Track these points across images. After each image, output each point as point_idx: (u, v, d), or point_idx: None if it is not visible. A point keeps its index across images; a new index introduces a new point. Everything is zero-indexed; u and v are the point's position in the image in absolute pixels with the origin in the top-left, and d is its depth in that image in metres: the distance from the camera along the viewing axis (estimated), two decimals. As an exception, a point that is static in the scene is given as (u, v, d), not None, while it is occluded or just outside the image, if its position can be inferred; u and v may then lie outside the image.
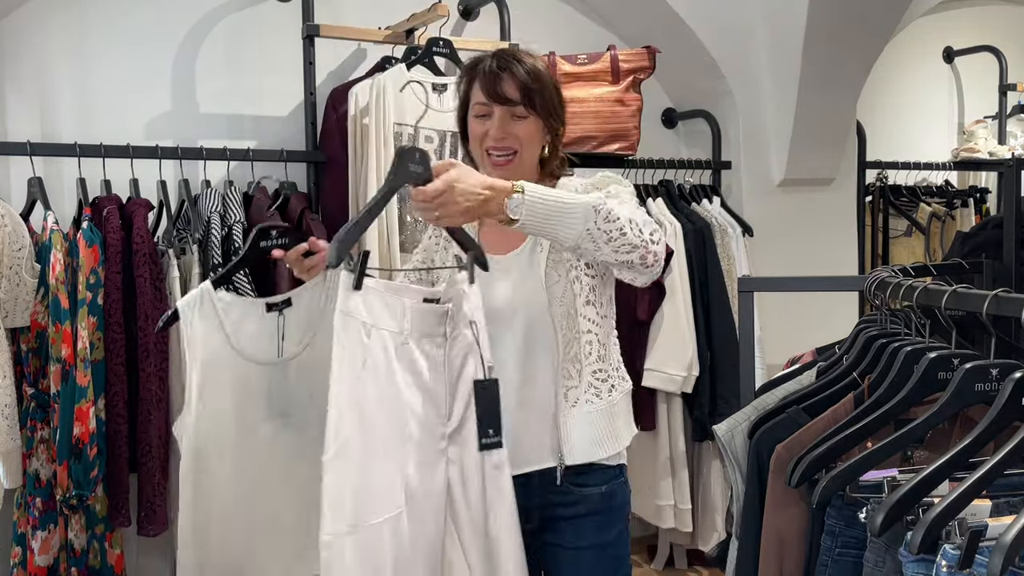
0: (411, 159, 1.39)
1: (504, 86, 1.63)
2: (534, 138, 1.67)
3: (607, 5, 3.38)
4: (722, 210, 3.27)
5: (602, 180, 1.67)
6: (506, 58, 1.65)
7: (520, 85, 1.63)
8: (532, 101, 1.64)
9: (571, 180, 1.73)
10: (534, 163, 1.70)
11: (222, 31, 2.79)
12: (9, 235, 2.15)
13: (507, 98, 1.63)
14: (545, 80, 1.67)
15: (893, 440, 1.19)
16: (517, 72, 1.63)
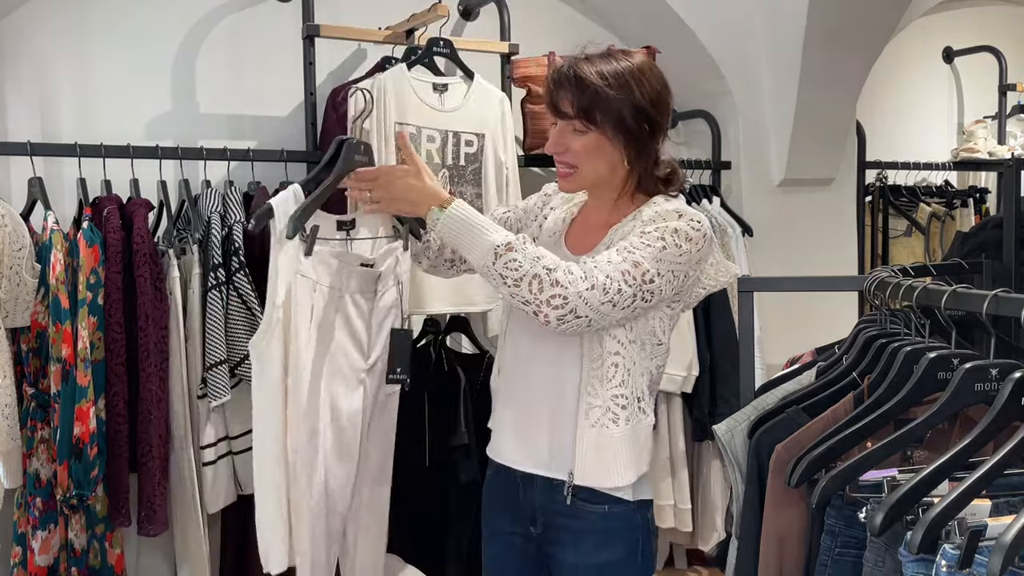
0: (357, 151, 1.74)
1: (559, 99, 1.59)
2: (593, 152, 1.59)
3: (607, 5, 3.38)
4: (722, 210, 3.27)
5: (661, 215, 1.57)
6: (568, 68, 1.58)
7: (575, 100, 1.56)
8: (590, 114, 1.56)
9: (656, 205, 1.62)
10: (605, 179, 1.63)
11: (222, 31, 2.79)
12: (9, 235, 2.15)
13: (562, 111, 1.59)
14: (609, 93, 1.55)
15: (893, 440, 1.19)
16: (572, 85, 1.56)
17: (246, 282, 2.37)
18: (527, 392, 1.67)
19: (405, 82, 2.55)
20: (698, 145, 3.57)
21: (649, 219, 1.58)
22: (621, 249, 1.53)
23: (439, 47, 2.65)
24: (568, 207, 1.77)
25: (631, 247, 1.52)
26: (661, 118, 1.61)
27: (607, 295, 1.49)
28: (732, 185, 3.47)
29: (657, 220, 1.57)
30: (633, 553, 1.63)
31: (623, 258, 1.51)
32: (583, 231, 1.71)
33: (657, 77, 1.61)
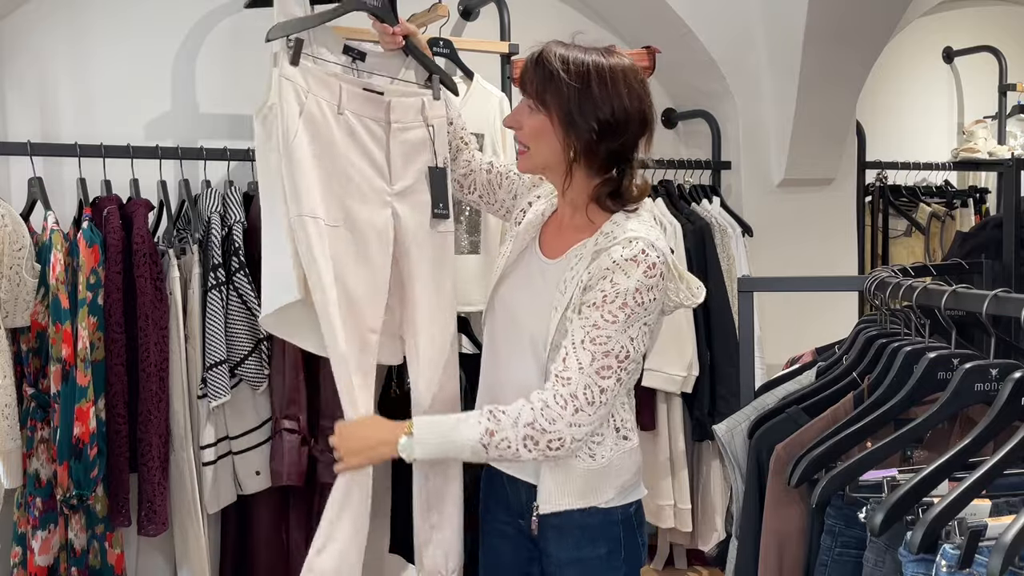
0: None
1: (523, 75, 1.59)
2: (540, 136, 1.58)
3: (607, 5, 3.38)
4: (722, 210, 3.27)
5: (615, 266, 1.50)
6: (544, 49, 1.58)
7: (539, 73, 1.55)
8: (542, 97, 1.55)
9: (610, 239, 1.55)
10: (553, 167, 1.61)
11: (222, 31, 2.79)
12: (9, 235, 2.16)
13: (524, 88, 1.60)
14: (565, 80, 1.51)
15: (893, 440, 1.19)
16: (535, 63, 1.57)
17: (246, 282, 2.37)
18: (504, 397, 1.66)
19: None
20: (698, 145, 3.57)
21: (601, 275, 1.51)
22: (587, 341, 1.49)
23: (439, 47, 2.65)
24: (545, 204, 1.76)
25: (597, 336, 1.48)
26: (619, 127, 1.53)
27: (593, 404, 1.50)
28: (732, 185, 3.47)
29: (613, 277, 1.50)
30: (616, 549, 1.63)
31: (591, 356, 1.48)
32: (555, 232, 1.71)
33: (631, 86, 1.54)
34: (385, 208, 1.84)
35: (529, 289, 1.67)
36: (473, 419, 1.54)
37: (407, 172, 1.86)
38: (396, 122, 1.85)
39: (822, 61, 3.17)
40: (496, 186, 1.90)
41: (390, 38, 1.91)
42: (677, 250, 3.00)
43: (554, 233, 1.71)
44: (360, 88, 1.83)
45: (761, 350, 3.04)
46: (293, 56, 1.77)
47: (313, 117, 1.75)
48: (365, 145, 1.82)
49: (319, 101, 1.77)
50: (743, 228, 3.27)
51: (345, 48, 1.91)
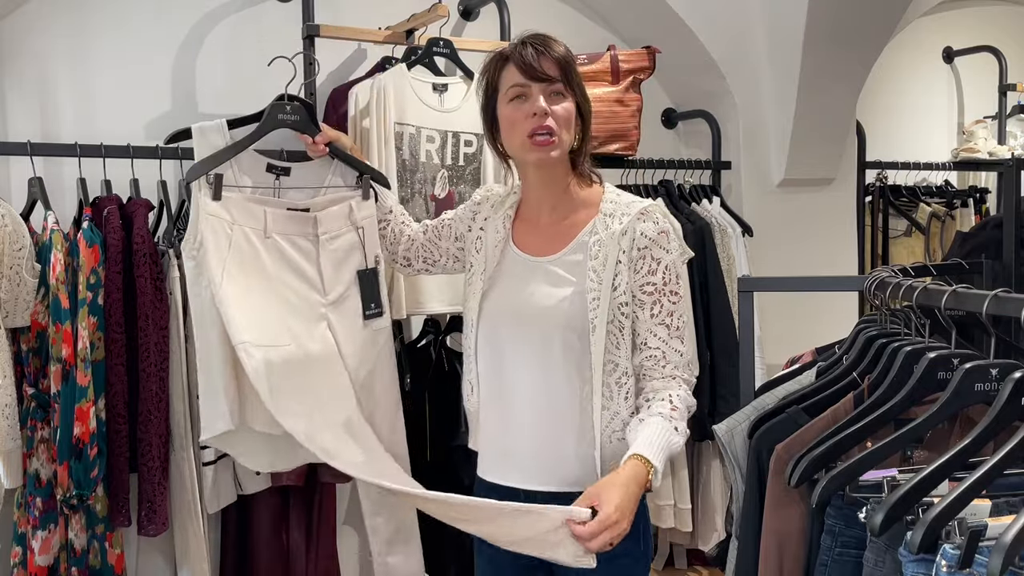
0: (281, 111, 1.92)
1: (542, 63, 1.60)
2: (571, 120, 1.64)
3: (607, 5, 3.38)
4: (722, 210, 3.27)
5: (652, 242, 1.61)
6: (539, 37, 1.63)
7: (557, 61, 1.61)
8: (570, 79, 1.62)
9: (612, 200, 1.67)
10: (567, 150, 1.66)
11: (222, 31, 2.79)
12: (9, 235, 2.16)
13: (547, 75, 1.60)
14: (576, 66, 1.65)
15: (893, 440, 1.19)
16: (553, 50, 1.62)
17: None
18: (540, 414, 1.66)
19: (405, 82, 2.55)
20: (698, 145, 3.57)
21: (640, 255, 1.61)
22: (672, 330, 1.62)
23: (439, 47, 2.65)
24: (504, 210, 1.77)
25: (677, 322, 1.62)
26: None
27: (691, 367, 1.65)
28: (732, 185, 3.47)
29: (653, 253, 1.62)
30: (636, 538, 1.64)
31: (680, 338, 1.63)
32: (532, 232, 1.72)
33: None
34: (321, 321, 1.94)
35: (531, 290, 1.67)
36: (670, 428, 1.56)
37: (339, 279, 1.96)
38: (324, 233, 1.94)
39: (822, 61, 3.17)
40: (436, 239, 1.94)
41: (313, 148, 1.97)
42: (677, 250, 3.00)
43: (532, 234, 1.72)
44: (284, 209, 1.92)
45: (761, 350, 3.04)
46: (215, 192, 1.84)
47: (241, 248, 1.85)
48: (295, 263, 1.91)
49: (245, 231, 1.86)
50: (743, 228, 3.27)
51: (268, 166, 1.97)
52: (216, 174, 1.85)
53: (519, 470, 1.69)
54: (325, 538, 2.65)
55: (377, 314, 1.99)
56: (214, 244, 1.81)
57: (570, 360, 1.63)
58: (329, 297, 1.94)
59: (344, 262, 1.95)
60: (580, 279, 1.63)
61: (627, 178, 3.18)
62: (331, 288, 1.94)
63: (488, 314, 1.71)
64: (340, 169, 2.00)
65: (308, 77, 2.52)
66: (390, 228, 2.03)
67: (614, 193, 1.70)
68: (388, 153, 2.47)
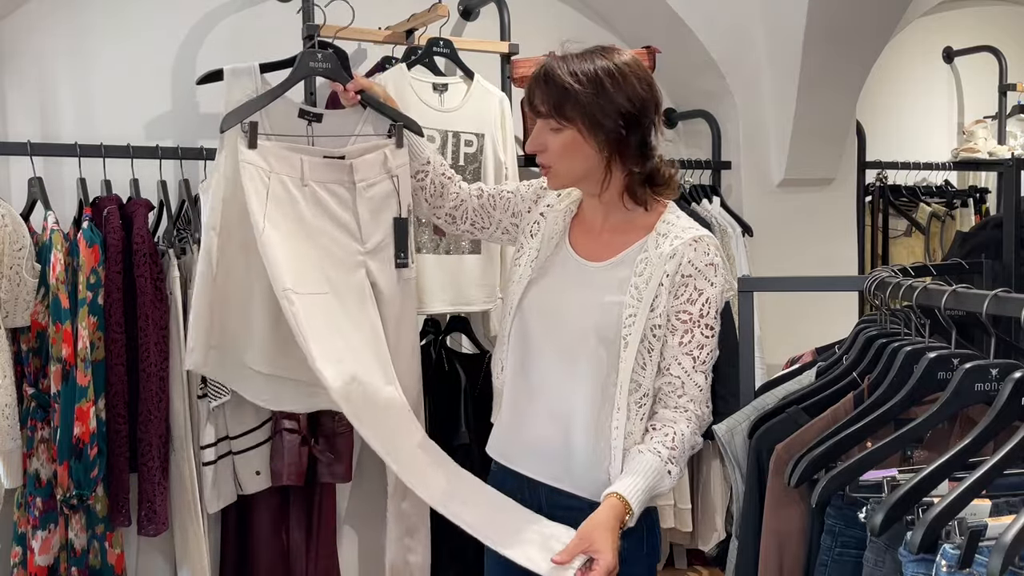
0: (312, 58, 1.90)
1: (534, 97, 1.61)
2: (570, 151, 1.61)
3: (607, 5, 3.38)
4: (722, 210, 3.27)
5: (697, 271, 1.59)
6: (543, 67, 1.61)
7: (550, 94, 1.58)
8: (563, 112, 1.58)
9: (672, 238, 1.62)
10: (583, 178, 1.64)
11: (222, 31, 2.79)
12: (9, 235, 2.16)
13: (537, 109, 1.61)
14: (579, 89, 1.56)
15: (893, 440, 1.19)
16: (543, 83, 1.59)
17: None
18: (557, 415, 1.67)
19: (405, 82, 2.55)
20: (698, 145, 3.57)
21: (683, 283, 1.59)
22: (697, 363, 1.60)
23: (439, 47, 2.65)
24: (567, 203, 1.77)
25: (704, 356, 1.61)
26: (641, 116, 1.60)
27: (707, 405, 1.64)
28: (732, 185, 3.47)
29: (696, 283, 1.60)
30: (640, 541, 1.65)
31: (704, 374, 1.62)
32: (587, 234, 1.73)
33: (639, 76, 1.60)
34: (359, 268, 1.92)
35: (573, 291, 1.67)
36: (663, 470, 1.57)
37: (377, 228, 1.94)
38: (361, 181, 1.92)
39: (822, 61, 3.17)
40: (491, 208, 1.90)
41: (345, 96, 1.94)
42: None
43: (587, 236, 1.72)
44: (320, 156, 1.90)
45: (761, 350, 3.04)
46: (250, 140, 1.82)
47: (279, 197, 1.83)
48: (333, 211, 1.90)
49: (282, 179, 1.84)
50: (743, 228, 3.27)
51: (300, 112, 1.95)
52: (251, 122, 1.83)
53: (530, 460, 1.70)
54: (325, 538, 2.65)
55: (405, 264, 1.97)
56: (254, 191, 1.79)
57: (593, 369, 1.63)
58: (367, 245, 1.93)
59: (381, 210, 1.94)
60: (622, 293, 1.62)
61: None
62: (368, 236, 1.93)
63: (527, 305, 1.72)
64: (372, 117, 1.97)
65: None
66: (429, 179, 1.95)
67: (673, 215, 1.67)
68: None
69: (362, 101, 1.94)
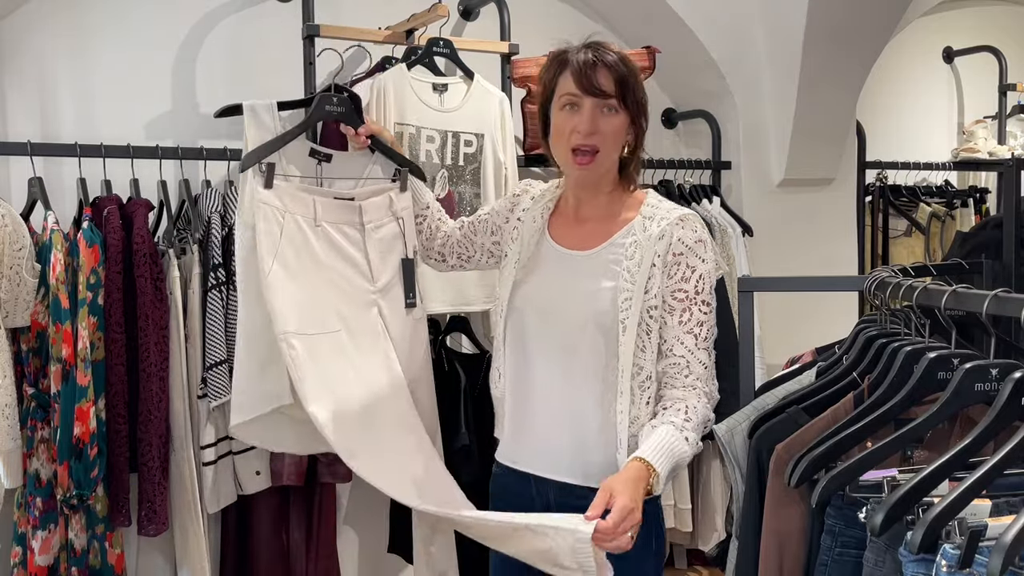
0: (328, 102, 1.93)
1: (599, 76, 1.59)
2: (619, 135, 1.63)
3: (607, 5, 3.38)
4: (722, 210, 3.27)
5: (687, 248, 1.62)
6: (599, 47, 1.61)
7: (615, 76, 1.59)
8: (625, 94, 1.60)
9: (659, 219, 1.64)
10: (613, 163, 1.67)
11: (222, 31, 2.79)
12: (9, 235, 2.16)
13: (601, 90, 1.59)
14: (636, 72, 1.62)
15: (893, 440, 1.19)
16: (611, 62, 1.59)
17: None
18: (561, 410, 1.67)
19: (405, 82, 2.55)
20: (698, 145, 3.57)
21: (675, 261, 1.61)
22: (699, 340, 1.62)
23: (439, 47, 2.65)
24: (544, 203, 1.78)
25: (705, 332, 1.62)
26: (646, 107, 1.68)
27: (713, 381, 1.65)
28: (732, 185, 3.47)
29: (688, 261, 1.62)
30: (648, 537, 1.64)
31: (707, 351, 1.63)
32: (569, 226, 1.73)
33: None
34: (372, 307, 1.95)
35: (565, 283, 1.68)
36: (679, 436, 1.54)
37: (386, 268, 1.98)
38: (369, 222, 1.96)
39: (822, 61, 3.17)
40: (472, 235, 1.93)
41: (356, 139, 1.97)
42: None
43: (569, 228, 1.73)
44: (332, 198, 1.95)
45: (761, 350, 3.04)
46: (267, 180, 1.85)
47: (293, 236, 1.87)
48: (345, 251, 1.93)
49: (296, 219, 1.88)
50: (743, 228, 3.27)
51: (311, 151, 1.98)
52: (268, 163, 1.87)
53: (539, 459, 1.70)
54: (325, 538, 2.65)
55: (413, 304, 2.02)
56: (266, 231, 1.83)
57: (594, 357, 1.63)
58: (378, 284, 1.96)
59: (389, 251, 1.99)
60: (614, 278, 1.63)
61: (627, 178, 3.18)
62: (379, 276, 1.97)
63: (518, 304, 1.72)
64: (380, 160, 2.03)
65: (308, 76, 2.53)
66: (427, 223, 2.02)
67: (656, 199, 1.71)
68: (388, 153, 2.47)
69: (372, 144, 1.99)
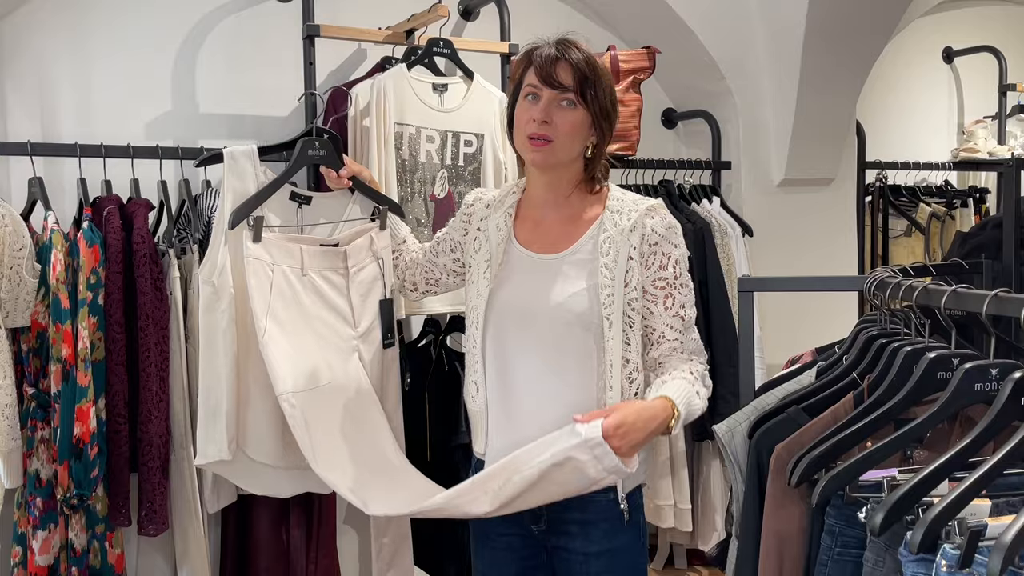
0: (311, 147, 1.94)
1: (559, 70, 1.61)
2: (576, 130, 1.63)
3: (607, 5, 3.38)
4: (722, 210, 3.27)
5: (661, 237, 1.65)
6: (565, 43, 1.64)
7: (575, 72, 1.61)
8: (584, 91, 1.61)
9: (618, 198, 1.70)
10: (574, 159, 1.67)
11: (222, 31, 2.79)
12: (10, 235, 2.16)
13: (559, 82, 1.61)
14: (601, 75, 1.64)
15: (893, 440, 1.19)
16: (574, 58, 1.61)
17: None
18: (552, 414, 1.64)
19: (405, 82, 2.55)
20: (698, 145, 3.57)
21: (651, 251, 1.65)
22: (686, 321, 1.69)
23: (439, 47, 2.65)
24: (504, 209, 1.76)
25: (688, 314, 1.69)
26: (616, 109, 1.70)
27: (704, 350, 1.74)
28: (732, 185, 3.47)
29: (663, 249, 1.66)
30: (637, 534, 1.67)
31: (693, 329, 1.71)
32: (536, 231, 1.72)
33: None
34: (354, 353, 1.96)
35: (543, 288, 1.66)
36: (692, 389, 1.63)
37: (366, 311, 1.99)
38: (353, 266, 1.97)
39: (822, 61, 3.17)
40: (434, 256, 1.94)
41: (337, 181, 1.98)
42: (677, 250, 3.00)
43: (535, 232, 1.72)
44: (317, 244, 1.95)
45: (761, 350, 3.04)
46: (255, 234, 1.85)
47: (281, 289, 1.87)
48: (330, 299, 1.94)
49: (284, 271, 1.88)
50: (743, 228, 3.27)
51: (292, 194, 1.98)
52: (256, 216, 1.86)
53: None
54: (325, 538, 2.65)
55: (391, 343, 2.02)
56: (257, 288, 1.83)
57: (582, 358, 1.63)
58: (359, 329, 1.97)
59: (368, 293, 1.99)
60: (592, 276, 1.63)
61: (627, 178, 3.18)
62: (360, 320, 1.98)
63: (496, 314, 1.70)
64: (360, 199, 2.03)
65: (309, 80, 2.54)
66: (403, 257, 2.04)
67: (619, 192, 1.73)
68: (388, 153, 2.47)
69: (353, 185, 1.99)
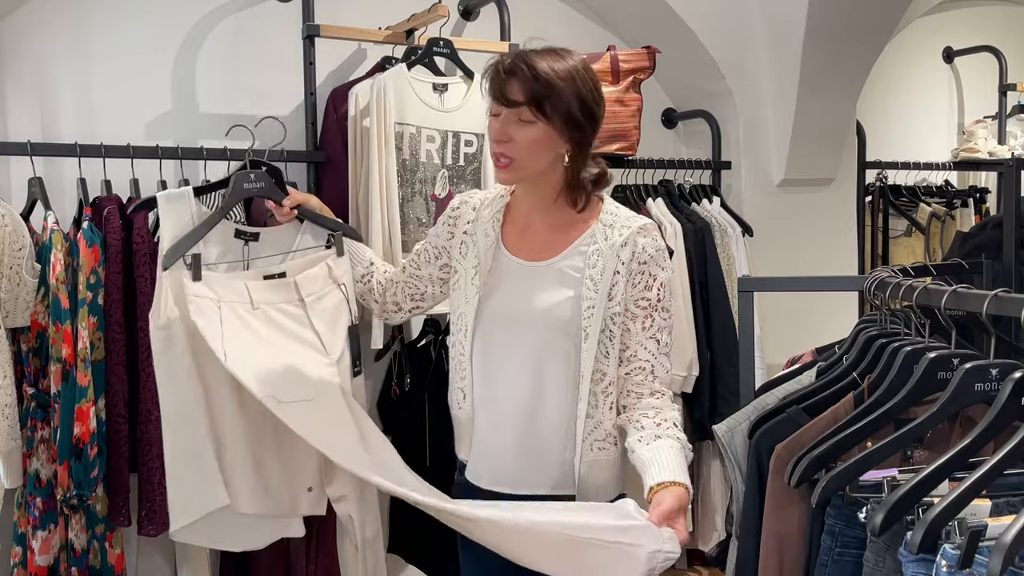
0: (246, 180, 1.86)
1: (509, 87, 1.58)
2: (537, 145, 1.59)
3: (607, 5, 3.38)
4: (722, 210, 3.27)
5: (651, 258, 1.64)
6: (519, 59, 1.59)
7: (526, 87, 1.56)
8: (540, 105, 1.57)
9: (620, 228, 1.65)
10: (544, 170, 1.64)
11: (222, 31, 2.79)
12: (9, 235, 2.15)
13: (508, 99, 1.58)
14: (561, 85, 1.57)
15: (893, 440, 1.19)
16: (525, 74, 1.56)
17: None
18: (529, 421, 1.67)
19: (405, 82, 2.55)
20: (698, 145, 3.57)
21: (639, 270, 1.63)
22: (661, 345, 1.66)
23: (439, 47, 2.65)
24: (491, 213, 1.75)
25: (666, 338, 1.67)
26: (598, 114, 1.64)
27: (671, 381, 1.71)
28: (732, 185, 3.47)
29: (651, 270, 1.64)
30: None
31: (668, 356, 1.68)
32: (524, 236, 1.71)
33: (594, 77, 1.65)
34: (335, 378, 1.86)
35: (530, 295, 1.66)
36: (683, 453, 1.58)
37: (336, 338, 1.90)
38: (309, 295, 1.88)
39: (822, 61, 3.17)
40: (415, 269, 1.89)
41: (281, 212, 1.91)
42: (677, 250, 3.00)
43: (524, 239, 1.71)
44: (261, 278, 1.86)
45: (761, 350, 3.04)
46: (194, 272, 1.77)
47: (232, 324, 1.77)
48: (291, 330, 1.85)
49: (232, 307, 1.79)
50: (743, 228, 3.27)
51: (236, 232, 1.90)
52: (194, 254, 1.78)
53: (506, 474, 1.70)
54: (325, 538, 2.64)
55: (359, 372, 1.96)
56: (206, 326, 1.73)
57: (562, 366, 1.64)
58: (333, 356, 1.89)
59: (335, 320, 1.91)
60: (576, 286, 1.63)
61: (627, 178, 3.18)
62: (332, 347, 1.89)
63: (485, 322, 1.70)
64: (310, 228, 1.95)
65: (309, 80, 2.53)
66: (375, 280, 1.97)
67: (613, 206, 1.71)
68: (388, 153, 2.47)
69: (300, 215, 1.93)
